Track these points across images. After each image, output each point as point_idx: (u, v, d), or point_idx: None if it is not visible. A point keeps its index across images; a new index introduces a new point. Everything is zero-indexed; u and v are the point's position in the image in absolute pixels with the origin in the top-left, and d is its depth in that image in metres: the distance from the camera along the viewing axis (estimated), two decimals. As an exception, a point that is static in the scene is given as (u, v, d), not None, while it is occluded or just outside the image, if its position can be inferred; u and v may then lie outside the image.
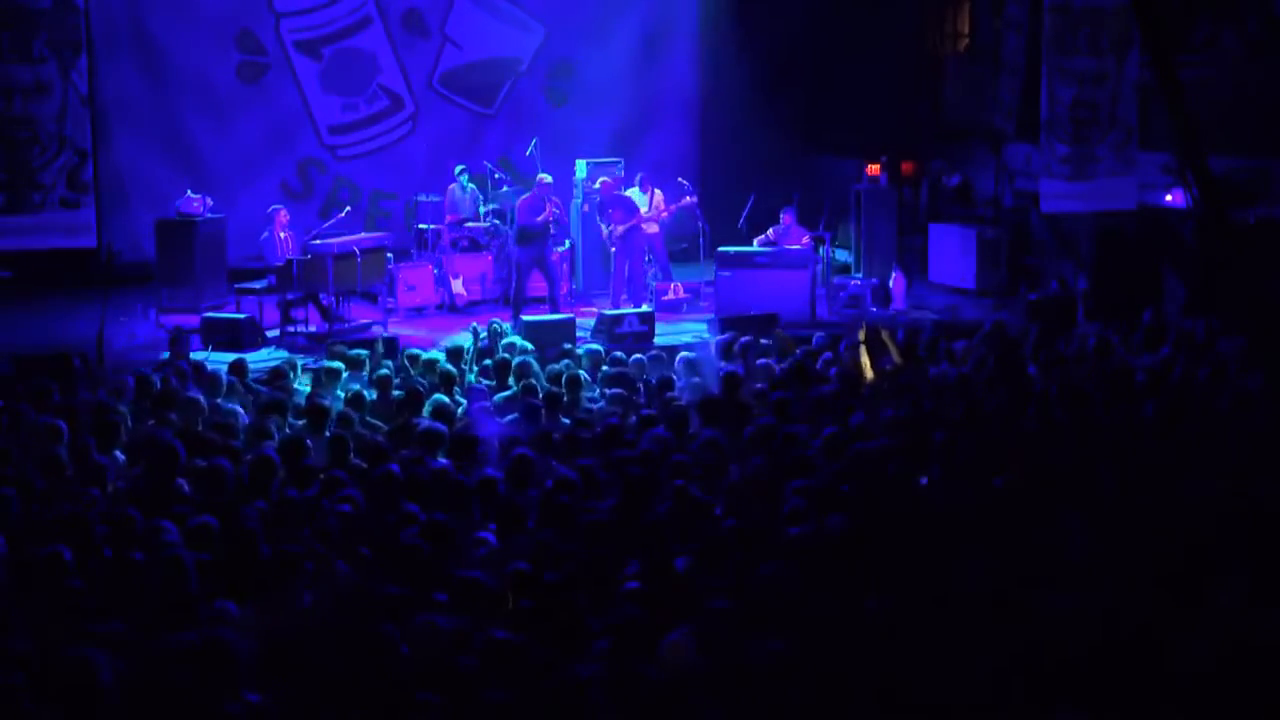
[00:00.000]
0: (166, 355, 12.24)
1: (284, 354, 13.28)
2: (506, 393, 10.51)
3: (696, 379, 10.85)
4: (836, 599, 6.08)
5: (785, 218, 15.87)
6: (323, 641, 5.80)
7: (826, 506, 7.42)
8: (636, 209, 15.77)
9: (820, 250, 16.10)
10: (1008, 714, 5.32)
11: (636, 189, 16.06)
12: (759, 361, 11.38)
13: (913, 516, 7.18)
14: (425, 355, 11.60)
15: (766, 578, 6.40)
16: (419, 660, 5.61)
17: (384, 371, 10.92)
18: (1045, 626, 6.03)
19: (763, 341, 12.24)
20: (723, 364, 11.23)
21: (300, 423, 9.51)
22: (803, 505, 7.49)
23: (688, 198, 16.07)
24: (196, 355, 12.51)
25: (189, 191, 15.74)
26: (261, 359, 13.01)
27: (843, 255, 17.47)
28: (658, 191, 16.10)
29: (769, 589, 6.30)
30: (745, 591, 6.30)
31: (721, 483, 8.05)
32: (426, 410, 9.74)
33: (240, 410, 9.88)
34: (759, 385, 10.55)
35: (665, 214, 16.04)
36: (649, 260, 16.07)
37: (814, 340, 12.33)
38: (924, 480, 8.17)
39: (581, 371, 11.06)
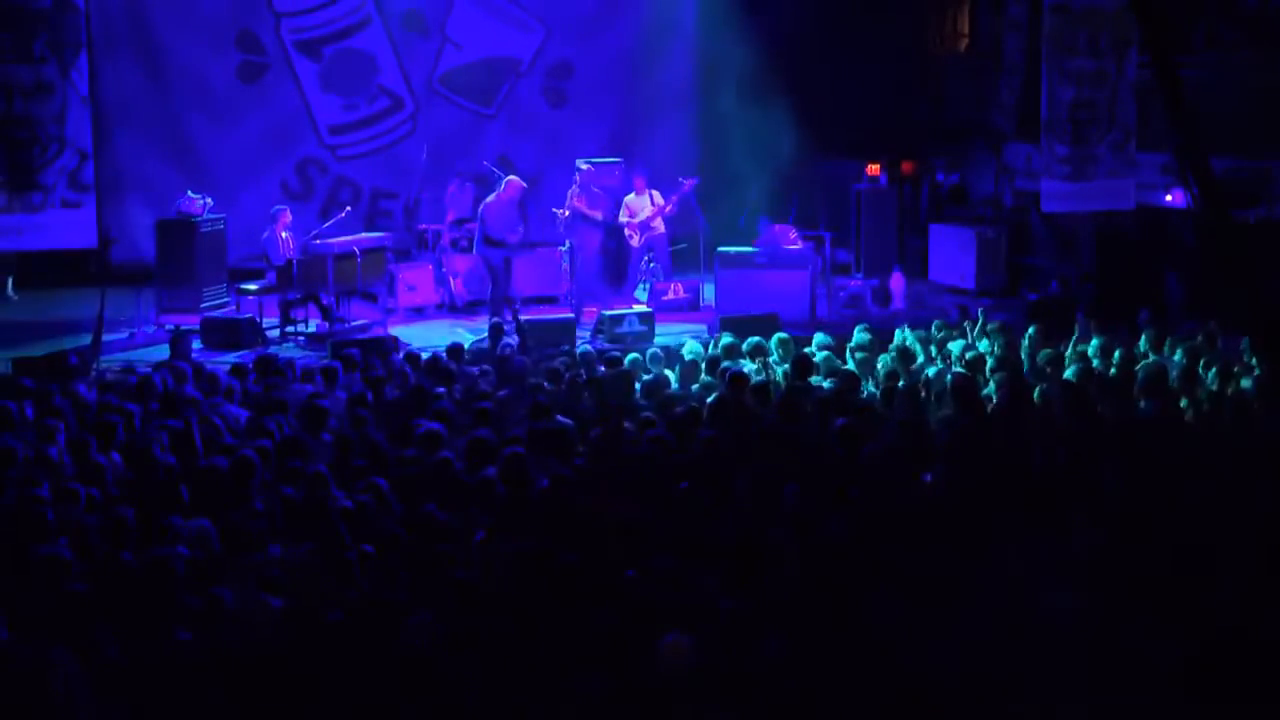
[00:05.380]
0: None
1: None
2: (504, 391, 10.50)
3: (701, 378, 10.83)
4: (839, 599, 6.08)
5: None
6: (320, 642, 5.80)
7: (828, 507, 7.42)
8: (614, 206, 15.72)
9: (820, 250, 16.08)
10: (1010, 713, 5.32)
11: (634, 194, 15.99)
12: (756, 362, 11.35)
13: (914, 516, 7.18)
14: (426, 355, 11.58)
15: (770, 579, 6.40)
16: (414, 660, 5.61)
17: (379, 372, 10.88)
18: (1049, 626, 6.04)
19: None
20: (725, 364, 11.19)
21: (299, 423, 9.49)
22: (804, 506, 7.49)
23: (683, 180, 15.91)
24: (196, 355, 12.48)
25: (189, 191, 15.74)
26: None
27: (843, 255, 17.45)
28: (655, 192, 16.05)
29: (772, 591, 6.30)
30: (747, 593, 6.29)
31: (723, 483, 8.04)
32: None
33: (238, 411, 9.86)
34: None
35: (670, 207, 15.95)
36: (650, 260, 16.03)
37: (814, 340, 12.28)
38: (926, 477, 8.18)
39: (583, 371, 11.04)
